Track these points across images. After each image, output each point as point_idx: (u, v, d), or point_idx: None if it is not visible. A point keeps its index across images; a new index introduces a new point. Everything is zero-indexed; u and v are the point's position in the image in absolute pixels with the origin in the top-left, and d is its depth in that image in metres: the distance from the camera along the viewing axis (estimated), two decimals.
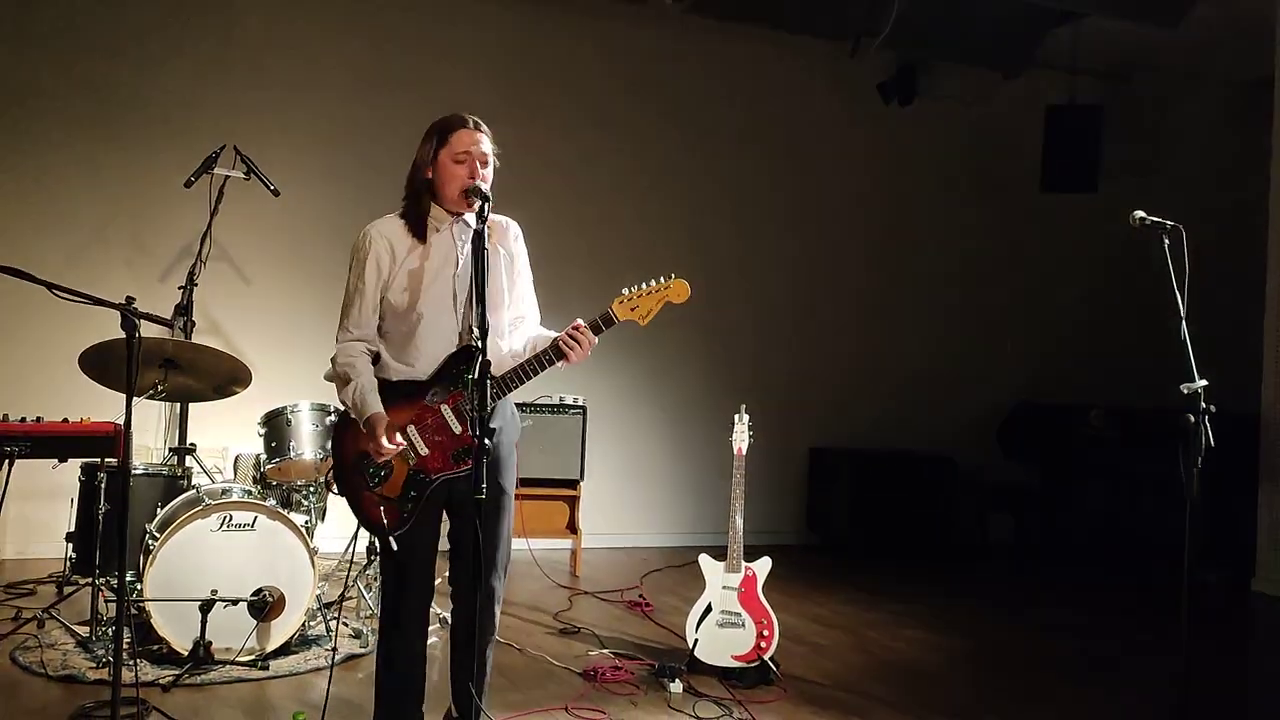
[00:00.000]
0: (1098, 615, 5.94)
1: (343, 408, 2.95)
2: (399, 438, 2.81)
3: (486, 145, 2.89)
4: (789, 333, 7.75)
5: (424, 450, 2.87)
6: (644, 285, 2.89)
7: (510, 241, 3.03)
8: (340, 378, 2.89)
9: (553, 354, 2.86)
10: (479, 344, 2.57)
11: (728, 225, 7.54)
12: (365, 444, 2.84)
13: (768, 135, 7.66)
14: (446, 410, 2.85)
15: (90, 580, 4.24)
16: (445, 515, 3.00)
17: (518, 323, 3.09)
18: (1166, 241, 3.36)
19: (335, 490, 4.43)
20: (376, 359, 2.94)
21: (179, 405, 5.25)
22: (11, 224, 5.89)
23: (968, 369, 8.16)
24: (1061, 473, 7.78)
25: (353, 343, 2.91)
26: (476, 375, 2.55)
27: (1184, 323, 3.29)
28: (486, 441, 2.50)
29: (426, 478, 2.85)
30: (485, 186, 2.80)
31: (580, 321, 2.86)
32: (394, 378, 2.91)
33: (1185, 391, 3.25)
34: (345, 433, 2.95)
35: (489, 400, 2.56)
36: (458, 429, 2.84)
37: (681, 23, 7.18)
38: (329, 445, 4.40)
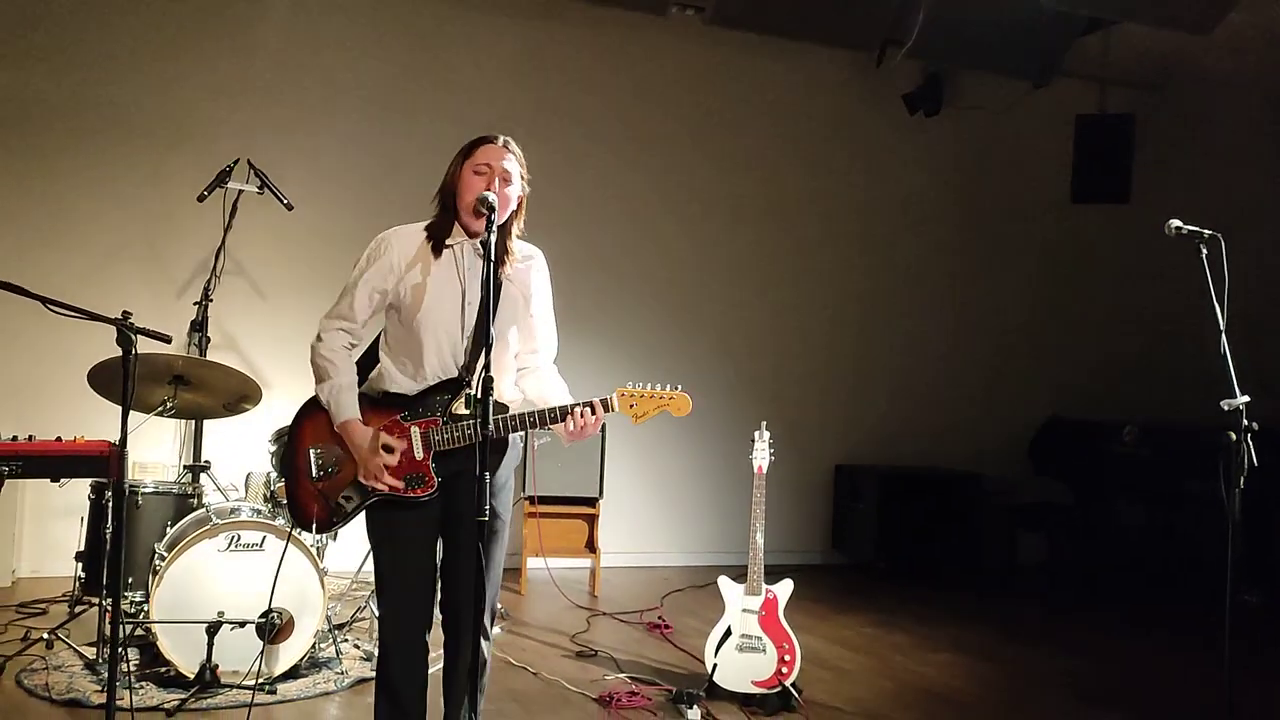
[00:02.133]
0: (1133, 638, 5.76)
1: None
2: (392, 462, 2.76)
3: (511, 164, 2.82)
4: (813, 347, 7.62)
5: None
6: (651, 387, 2.86)
7: (529, 276, 2.94)
8: (318, 370, 2.87)
9: (558, 414, 2.78)
10: (468, 380, 2.60)
11: (751, 237, 7.43)
12: (327, 438, 2.84)
13: (793, 147, 7.55)
14: (415, 432, 2.79)
15: (98, 601, 4.17)
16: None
17: (528, 357, 3.01)
18: (1204, 251, 3.23)
19: (275, 469, 4.35)
20: (361, 358, 2.94)
21: (195, 422, 5.21)
22: (27, 241, 5.86)
23: (996, 384, 7.99)
24: (1094, 491, 7.57)
25: (336, 332, 2.89)
26: (474, 410, 2.58)
27: (1224, 335, 3.15)
28: (445, 478, 2.58)
29: (370, 488, 2.78)
30: (493, 197, 2.68)
31: (584, 405, 2.77)
32: (390, 388, 2.85)
33: (1226, 408, 3.12)
34: (308, 418, 2.91)
35: (463, 440, 2.69)
36: (419, 455, 2.78)
37: (705, 35, 7.10)
38: None
